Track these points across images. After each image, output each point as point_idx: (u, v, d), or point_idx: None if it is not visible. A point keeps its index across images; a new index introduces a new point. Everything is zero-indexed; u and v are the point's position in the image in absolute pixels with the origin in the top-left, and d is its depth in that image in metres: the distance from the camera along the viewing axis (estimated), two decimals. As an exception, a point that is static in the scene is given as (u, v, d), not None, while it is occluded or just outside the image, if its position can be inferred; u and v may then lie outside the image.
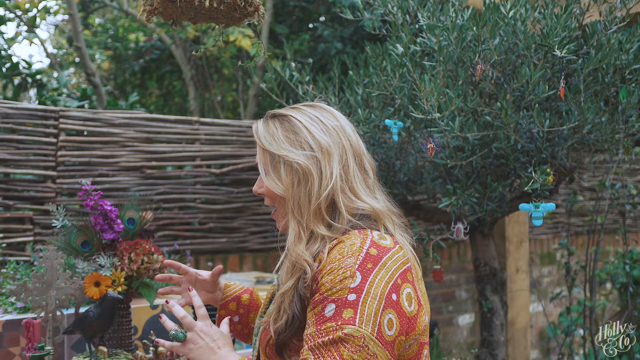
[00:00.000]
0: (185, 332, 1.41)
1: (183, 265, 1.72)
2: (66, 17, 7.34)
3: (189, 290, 1.54)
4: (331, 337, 1.21)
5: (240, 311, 1.73)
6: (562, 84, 2.32)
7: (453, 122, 2.32)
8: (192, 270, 1.72)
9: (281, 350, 1.33)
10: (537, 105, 2.32)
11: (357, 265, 1.25)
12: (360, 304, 1.23)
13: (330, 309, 1.24)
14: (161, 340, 1.43)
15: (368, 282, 1.24)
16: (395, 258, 1.30)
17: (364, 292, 1.23)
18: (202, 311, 1.45)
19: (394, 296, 1.26)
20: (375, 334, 1.22)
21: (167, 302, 1.47)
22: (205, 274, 1.72)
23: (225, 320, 1.49)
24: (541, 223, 2.24)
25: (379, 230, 1.35)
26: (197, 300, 1.48)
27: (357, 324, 1.21)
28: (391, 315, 1.25)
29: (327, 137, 1.40)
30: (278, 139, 1.41)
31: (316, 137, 1.39)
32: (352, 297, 1.23)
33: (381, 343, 1.23)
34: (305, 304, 1.31)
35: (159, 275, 1.74)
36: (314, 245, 1.34)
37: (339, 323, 1.22)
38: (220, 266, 1.71)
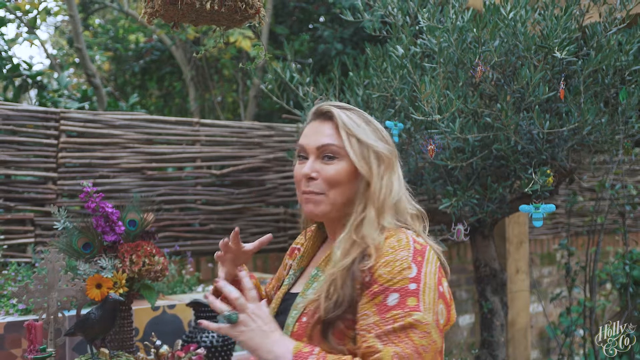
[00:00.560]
0: (238, 314, 1.33)
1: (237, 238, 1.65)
2: (66, 17, 7.34)
3: (238, 271, 1.47)
4: (401, 323, 1.26)
5: None
6: (562, 85, 2.33)
7: (453, 124, 2.33)
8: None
9: (327, 330, 1.33)
10: (537, 106, 2.33)
11: (410, 258, 1.32)
12: (420, 293, 1.29)
13: (393, 298, 1.28)
14: (205, 322, 1.34)
15: (422, 273, 1.31)
16: (432, 253, 1.38)
17: (422, 282, 1.30)
18: (252, 293, 1.37)
19: (440, 288, 1.34)
20: (434, 322, 1.29)
21: (206, 295, 1.39)
22: (248, 245, 1.67)
23: (264, 302, 1.41)
24: (541, 224, 2.25)
25: (411, 231, 1.42)
26: (247, 282, 1.38)
27: (422, 311, 1.27)
28: (442, 305, 1.33)
29: (389, 138, 1.48)
30: (364, 128, 1.44)
31: (387, 135, 1.47)
32: (413, 286, 1.29)
33: (438, 330, 1.29)
34: (355, 292, 1.32)
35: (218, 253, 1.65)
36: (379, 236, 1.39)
37: (406, 310, 1.27)
38: (269, 235, 1.64)
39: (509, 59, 2.46)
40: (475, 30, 2.36)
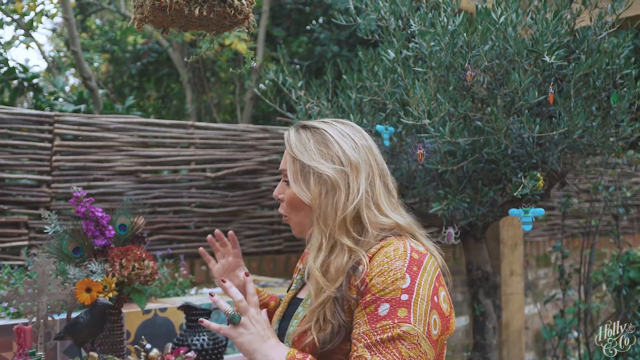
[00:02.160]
0: (241, 316, 1.40)
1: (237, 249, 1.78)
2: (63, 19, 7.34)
3: (245, 276, 1.54)
4: (390, 334, 1.28)
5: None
6: (551, 89, 2.33)
7: (443, 128, 2.33)
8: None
9: (326, 355, 1.36)
10: (526, 111, 2.33)
11: (405, 268, 1.33)
12: (412, 304, 1.30)
13: (384, 308, 1.30)
14: (206, 321, 1.42)
15: (416, 284, 1.32)
16: (431, 263, 1.39)
17: (414, 293, 1.31)
18: (255, 299, 1.45)
19: (435, 298, 1.35)
20: (425, 333, 1.30)
21: (210, 294, 1.45)
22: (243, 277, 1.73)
23: (265, 311, 1.49)
24: (530, 228, 2.26)
25: (411, 239, 1.43)
26: (251, 287, 1.47)
27: (412, 323, 1.29)
28: (435, 316, 1.34)
29: (357, 154, 1.47)
30: (310, 149, 1.47)
31: (346, 152, 1.46)
32: (404, 297, 1.31)
33: (430, 342, 1.31)
34: (351, 308, 1.35)
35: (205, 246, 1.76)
36: (340, 257, 1.39)
37: (396, 321, 1.29)
38: (231, 232, 1.77)
39: (501, 63, 2.47)
40: (465, 34, 2.36)
